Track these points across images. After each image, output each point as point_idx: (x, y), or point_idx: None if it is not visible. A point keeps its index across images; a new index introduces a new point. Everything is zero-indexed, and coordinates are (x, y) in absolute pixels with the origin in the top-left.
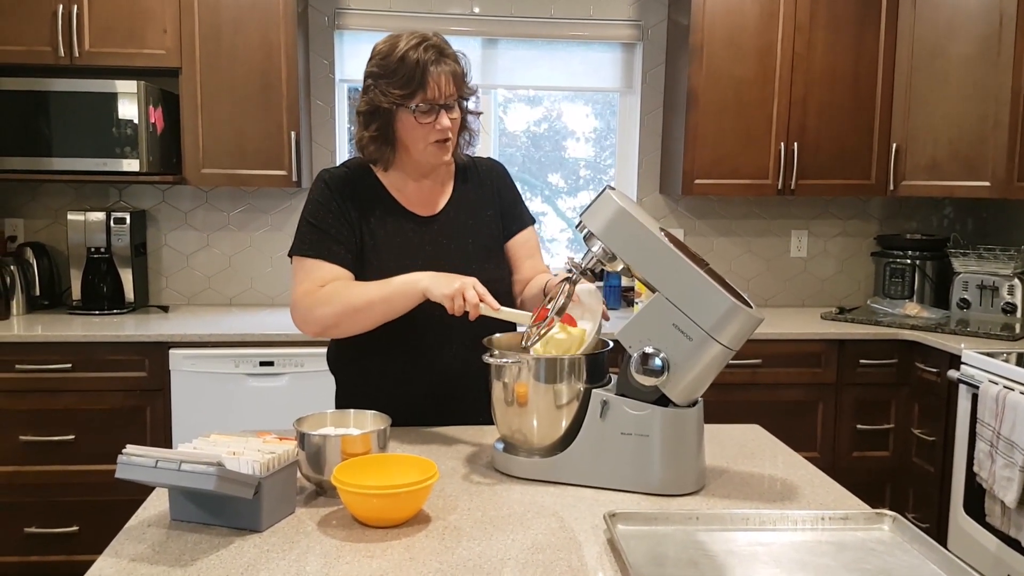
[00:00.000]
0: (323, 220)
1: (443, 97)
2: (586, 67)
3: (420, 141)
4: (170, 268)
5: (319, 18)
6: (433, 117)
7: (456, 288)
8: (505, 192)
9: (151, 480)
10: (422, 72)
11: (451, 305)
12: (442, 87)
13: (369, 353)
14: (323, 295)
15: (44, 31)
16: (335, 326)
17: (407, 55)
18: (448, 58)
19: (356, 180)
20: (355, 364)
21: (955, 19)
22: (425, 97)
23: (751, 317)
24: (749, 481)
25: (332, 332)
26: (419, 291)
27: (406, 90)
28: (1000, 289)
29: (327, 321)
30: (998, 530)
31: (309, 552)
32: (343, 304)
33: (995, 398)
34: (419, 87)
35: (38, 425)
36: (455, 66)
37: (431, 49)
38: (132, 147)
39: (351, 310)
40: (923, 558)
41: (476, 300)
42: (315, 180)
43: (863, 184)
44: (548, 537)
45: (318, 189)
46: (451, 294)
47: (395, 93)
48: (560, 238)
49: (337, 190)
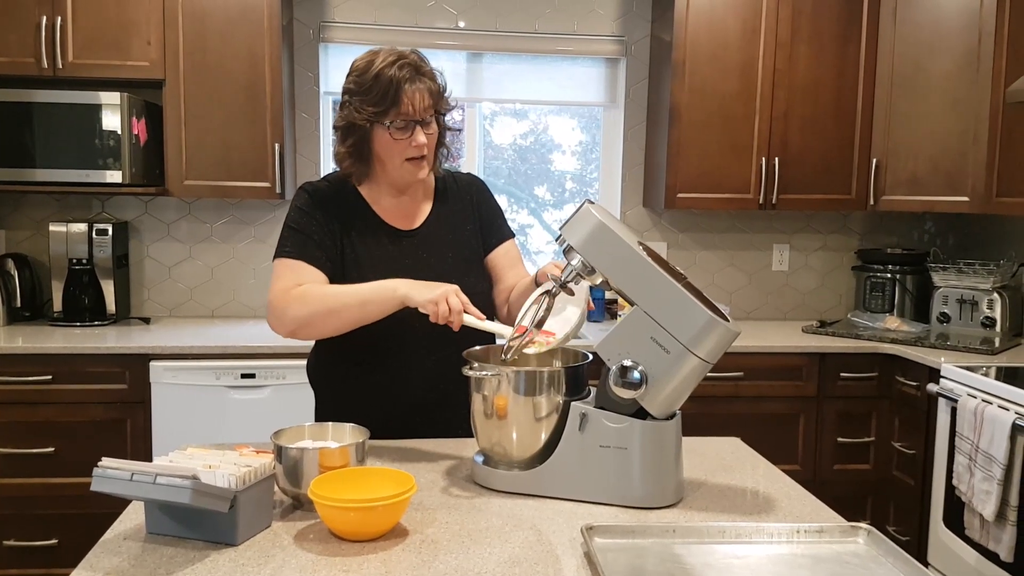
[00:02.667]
0: (305, 226)
1: (418, 113)
2: (570, 81)
3: (396, 157)
4: (152, 280)
5: (304, 31)
6: (409, 134)
7: (439, 294)
8: (484, 207)
9: (126, 493)
10: (396, 90)
11: (435, 311)
12: (416, 104)
13: (349, 365)
14: (298, 294)
15: (28, 42)
16: (307, 326)
17: (382, 72)
18: (424, 76)
19: (337, 194)
20: (335, 376)
21: (935, 35)
22: (399, 113)
23: (728, 331)
24: (727, 494)
25: (304, 332)
26: (398, 297)
27: (380, 107)
28: (980, 303)
29: (300, 321)
30: (977, 543)
31: (285, 566)
32: (317, 304)
33: (973, 412)
34: (392, 104)
35: (18, 437)
36: (431, 83)
37: (406, 67)
38: (115, 158)
39: (324, 311)
40: (897, 571)
41: (460, 307)
42: (297, 191)
43: (844, 199)
44: (526, 550)
45: (301, 199)
46: (434, 299)
47: (369, 110)
48: (546, 250)
49: (319, 202)
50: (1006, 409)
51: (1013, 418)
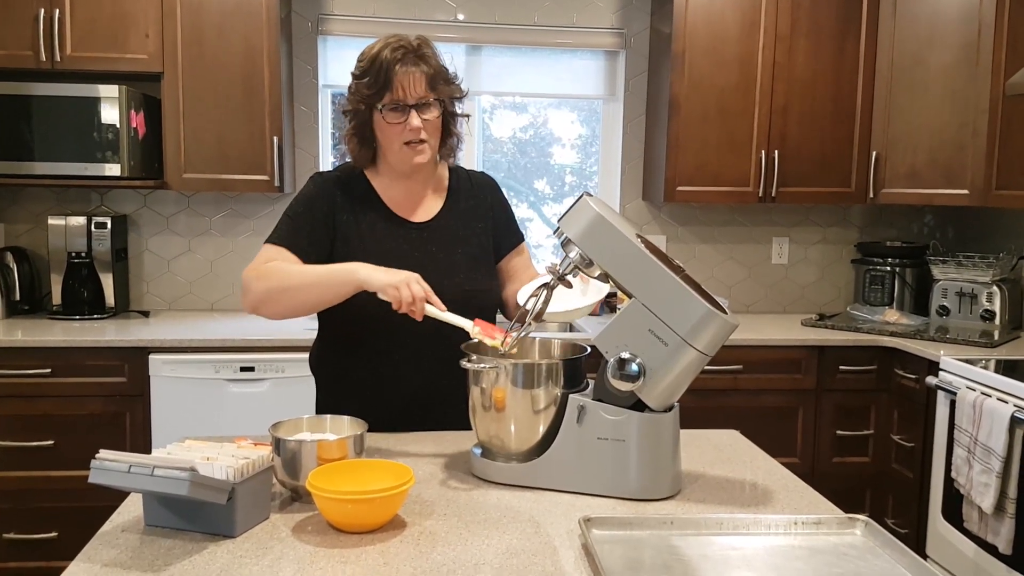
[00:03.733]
0: (302, 216)
1: (410, 97)
2: (570, 74)
3: (394, 142)
4: (151, 273)
5: (303, 24)
6: (403, 118)
7: (400, 279)
8: (499, 209)
9: (124, 485)
10: (386, 72)
11: (396, 296)
12: (408, 88)
13: (350, 356)
14: (263, 270)
15: (26, 35)
16: (267, 301)
17: (377, 55)
18: (421, 59)
19: (348, 183)
20: (336, 367)
21: (934, 28)
22: (392, 98)
23: (726, 323)
24: (725, 486)
25: (266, 309)
26: (355, 280)
27: (373, 90)
28: (979, 296)
29: (260, 295)
30: (975, 535)
31: (283, 558)
32: (277, 281)
33: (972, 404)
34: (384, 87)
35: (17, 430)
36: (428, 68)
37: (401, 49)
38: (114, 151)
39: (281, 288)
40: (894, 562)
41: (423, 295)
42: (309, 179)
43: (843, 192)
44: (523, 542)
45: (308, 188)
46: (395, 283)
47: (365, 93)
48: (546, 244)
49: (328, 192)
50: (1005, 402)
51: (1012, 411)
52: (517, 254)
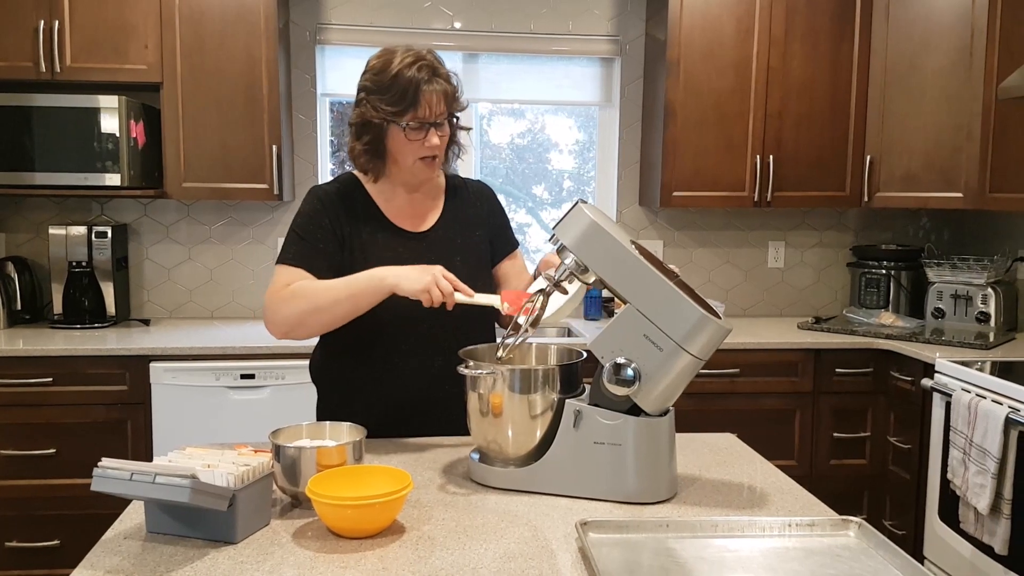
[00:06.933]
0: (311, 233)
1: (433, 116)
2: (566, 81)
3: (409, 157)
4: (152, 281)
5: (301, 33)
6: (423, 135)
7: (428, 282)
8: (495, 216)
9: (126, 493)
10: (415, 91)
11: (427, 299)
12: (433, 106)
13: (351, 362)
14: (288, 293)
15: (26, 46)
16: (300, 325)
17: (401, 73)
18: (440, 77)
19: (347, 196)
20: (337, 373)
21: (928, 32)
22: (416, 116)
23: (720, 328)
24: (721, 489)
25: (299, 332)
26: (386, 287)
27: (398, 107)
28: (974, 298)
29: (292, 320)
30: (972, 536)
31: (283, 563)
32: (307, 302)
33: (967, 406)
34: (411, 105)
35: (19, 439)
36: (447, 85)
37: (425, 68)
38: (114, 161)
39: (313, 308)
40: (887, 563)
41: (450, 289)
42: (307, 194)
43: (839, 196)
44: (521, 546)
45: (310, 203)
46: (425, 287)
47: (387, 109)
48: (544, 249)
49: (330, 206)
50: (999, 403)
51: (1006, 412)
52: (510, 260)
